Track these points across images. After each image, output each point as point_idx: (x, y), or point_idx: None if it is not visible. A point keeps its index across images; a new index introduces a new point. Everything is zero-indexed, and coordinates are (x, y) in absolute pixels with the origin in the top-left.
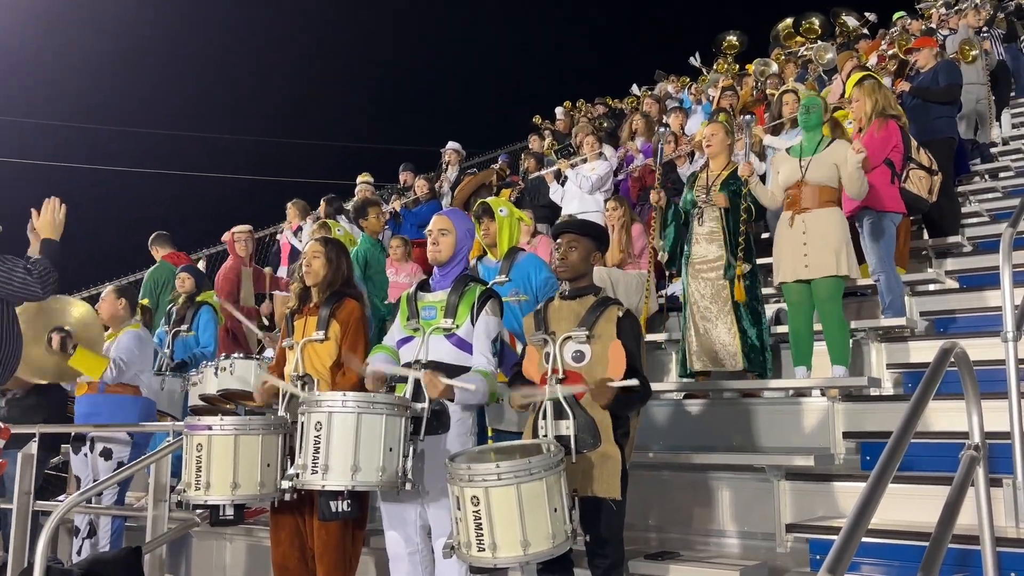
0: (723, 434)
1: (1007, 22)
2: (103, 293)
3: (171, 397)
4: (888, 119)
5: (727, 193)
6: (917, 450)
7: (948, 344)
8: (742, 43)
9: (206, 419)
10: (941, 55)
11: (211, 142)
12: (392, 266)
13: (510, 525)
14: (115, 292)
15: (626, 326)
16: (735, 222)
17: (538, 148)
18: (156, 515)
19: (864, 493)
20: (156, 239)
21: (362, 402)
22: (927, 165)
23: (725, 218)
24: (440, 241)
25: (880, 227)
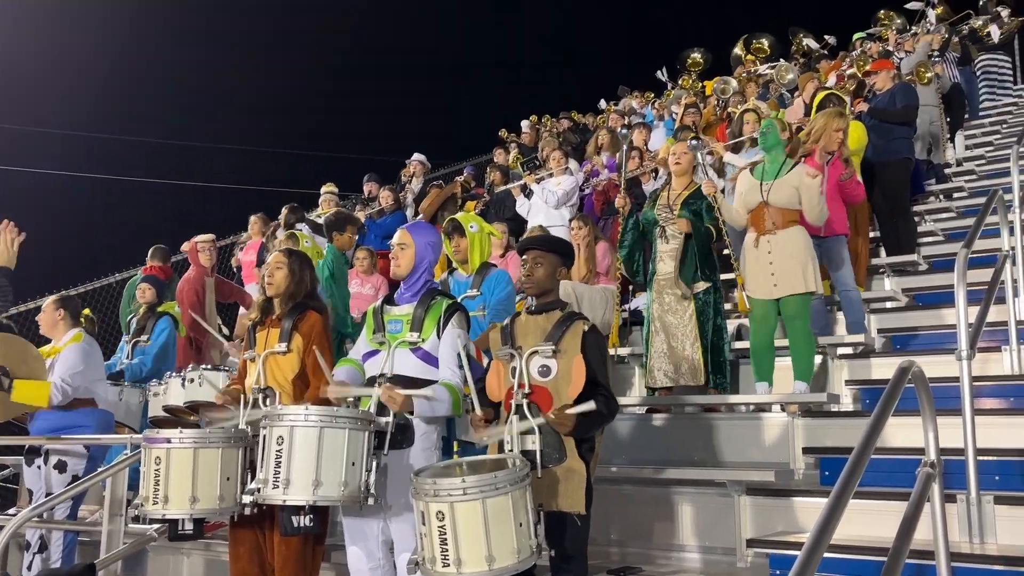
0: (685, 449)
1: (961, 46)
2: (44, 304)
3: (128, 408)
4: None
5: (688, 214)
6: (875, 466)
7: (906, 363)
8: (706, 60)
9: (165, 432)
10: (898, 77)
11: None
12: (357, 277)
13: (475, 540)
14: (54, 302)
15: (591, 341)
16: (695, 247)
17: (503, 161)
18: (111, 530)
19: (825, 510)
20: (152, 252)
21: (324, 416)
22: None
23: (684, 242)
24: (399, 256)
25: (836, 249)
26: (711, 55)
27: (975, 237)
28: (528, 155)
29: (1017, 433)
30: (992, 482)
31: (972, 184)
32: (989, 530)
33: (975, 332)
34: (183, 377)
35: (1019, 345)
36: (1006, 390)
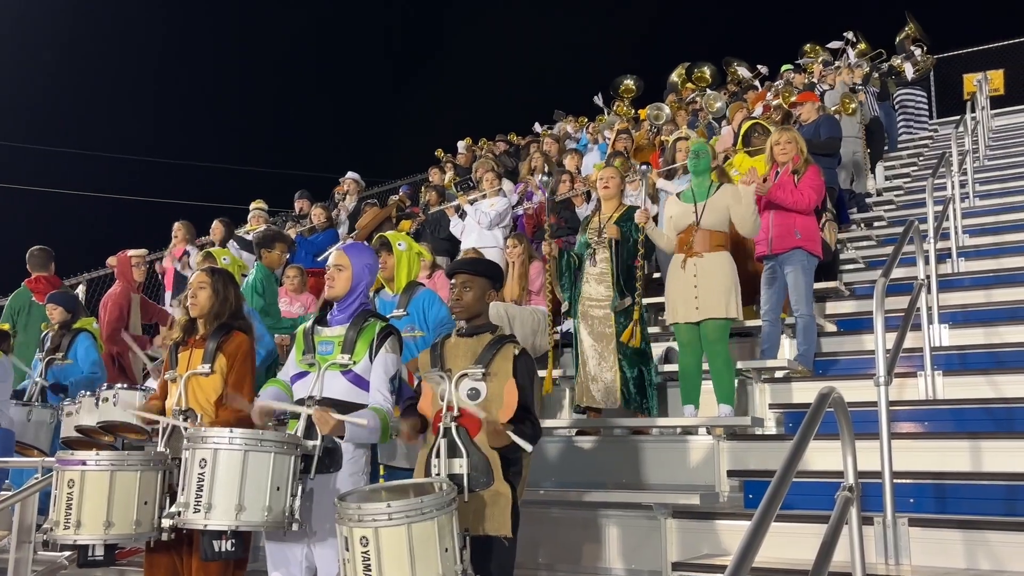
0: (613, 471)
1: (881, 82)
2: None
3: (39, 429)
4: (814, 165)
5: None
6: (797, 489)
7: (826, 389)
8: (638, 87)
9: (80, 454)
10: (823, 109)
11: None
12: (286, 296)
13: (399, 566)
14: None
15: (521, 365)
16: (625, 262)
17: (439, 181)
18: (19, 557)
19: (747, 533)
20: (31, 258)
21: (249, 439)
22: (834, 217)
23: (615, 259)
24: (336, 277)
25: (809, 270)
26: (643, 82)
27: (893, 265)
28: (464, 176)
29: (931, 456)
30: (907, 504)
31: (891, 214)
32: (904, 551)
33: (892, 358)
34: (97, 396)
35: (933, 371)
36: (921, 414)
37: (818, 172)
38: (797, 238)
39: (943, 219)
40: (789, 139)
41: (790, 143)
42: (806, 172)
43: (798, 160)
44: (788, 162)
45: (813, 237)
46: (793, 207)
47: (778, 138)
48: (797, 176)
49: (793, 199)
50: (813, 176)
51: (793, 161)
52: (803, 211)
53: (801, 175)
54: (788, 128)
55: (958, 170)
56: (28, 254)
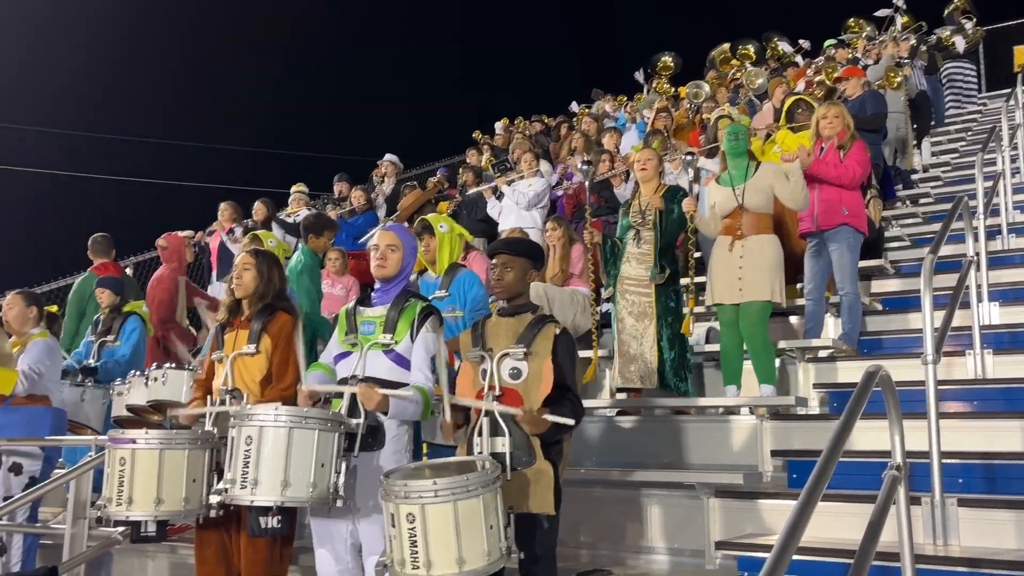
0: (654, 451)
1: (928, 55)
2: (7, 298)
3: (92, 408)
4: (860, 140)
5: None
6: (842, 468)
7: (873, 367)
8: (676, 64)
9: (130, 432)
10: (867, 85)
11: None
12: (328, 278)
13: (446, 542)
14: (24, 298)
15: (562, 344)
16: (666, 238)
17: (476, 163)
18: (75, 533)
19: (794, 512)
20: (93, 244)
21: (294, 417)
22: (878, 194)
23: (659, 239)
24: (388, 257)
25: (855, 247)
26: (681, 59)
27: (941, 243)
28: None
29: (980, 436)
30: (956, 484)
31: (938, 190)
32: (952, 532)
33: (940, 337)
34: (147, 376)
35: (982, 350)
36: (970, 394)
37: (864, 147)
38: (844, 214)
39: (993, 195)
40: (836, 113)
41: (837, 117)
42: (852, 147)
43: (844, 135)
44: (833, 136)
45: (859, 213)
46: (837, 181)
47: (825, 112)
48: (843, 151)
49: (837, 173)
50: (859, 151)
51: (839, 136)
52: (848, 186)
53: (847, 150)
54: (835, 102)
55: (1008, 145)
56: (91, 240)
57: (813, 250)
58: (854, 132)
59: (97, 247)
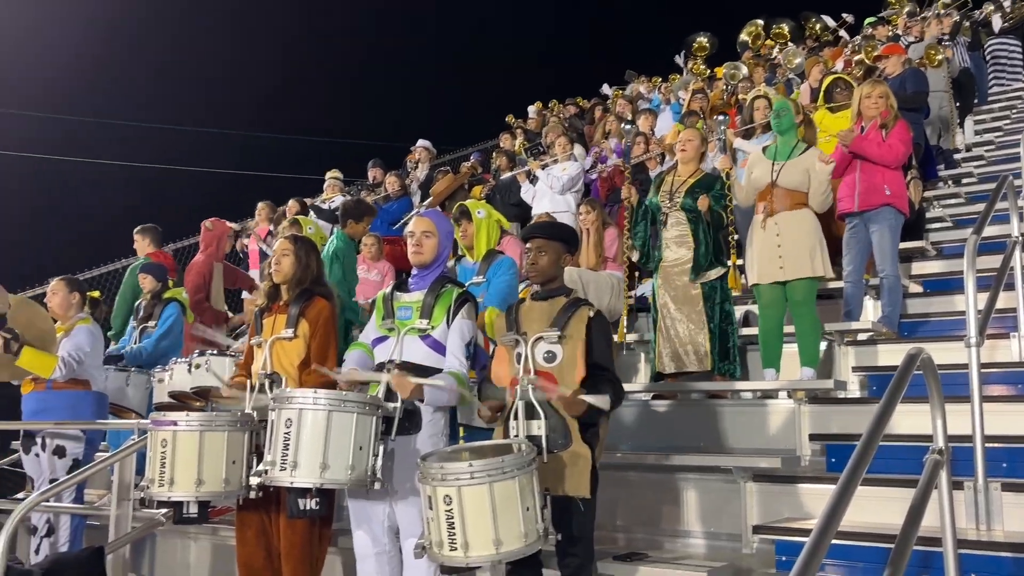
0: (690, 435)
1: (972, 31)
2: (52, 284)
3: (135, 393)
4: (903, 120)
5: (691, 202)
6: (882, 452)
7: (914, 350)
8: (712, 45)
9: (171, 415)
10: (908, 62)
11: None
12: (364, 263)
13: (483, 524)
14: (67, 284)
15: (596, 327)
16: (711, 233)
17: (510, 147)
18: (119, 514)
19: (833, 496)
20: (143, 231)
21: (333, 400)
22: (919, 175)
23: (693, 221)
24: (424, 243)
25: (896, 228)
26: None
27: (985, 223)
28: (534, 141)
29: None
30: (999, 469)
31: (981, 170)
32: (996, 517)
33: (984, 319)
34: (189, 363)
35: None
36: (1014, 377)
37: (907, 127)
38: (887, 194)
39: None
40: (881, 93)
41: (882, 97)
42: (895, 126)
43: (887, 115)
44: (876, 116)
45: (901, 194)
46: (880, 161)
47: (869, 91)
48: (885, 131)
49: (880, 152)
50: (903, 130)
51: (882, 115)
52: (892, 165)
53: (890, 129)
54: (879, 81)
55: None
56: (140, 229)
57: (853, 231)
58: (897, 112)
59: (154, 236)
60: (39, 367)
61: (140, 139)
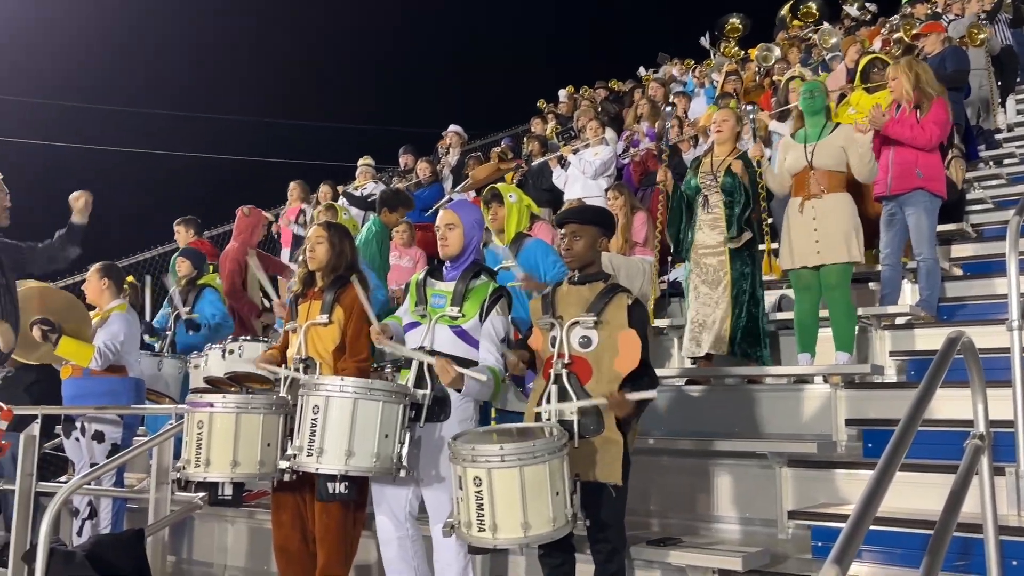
0: (724, 420)
1: (1013, 8)
2: (89, 272)
3: (170, 378)
4: (940, 98)
5: (731, 180)
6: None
7: (955, 333)
8: (745, 26)
9: (208, 396)
10: (948, 41)
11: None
12: (396, 249)
13: (512, 507)
14: (99, 271)
15: (636, 315)
16: (744, 205)
17: (541, 132)
18: (158, 498)
19: (871, 481)
20: (184, 222)
21: (360, 388)
22: (961, 154)
23: (729, 205)
24: (448, 236)
25: (933, 211)
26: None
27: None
28: (566, 125)
29: None
30: None
31: (1023, 150)
32: None
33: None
34: (223, 348)
35: None
36: None
37: (945, 106)
38: (919, 178)
39: None
40: (895, 75)
41: (895, 80)
42: (932, 107)
43: (917, 96)
44: (900, 98)
45: (937, 176)
46: (912, 143)
47: (893, 73)
48: (920, 111)
49: (912, 134)
50: (939, 111)
51: (914, 96)
52: (925, 147)
53: (925, 110)
54: (900, 63)
55: None
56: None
57: (888, 214)
58: (934, 92)
59: (187, 226)
60: (77, 356)
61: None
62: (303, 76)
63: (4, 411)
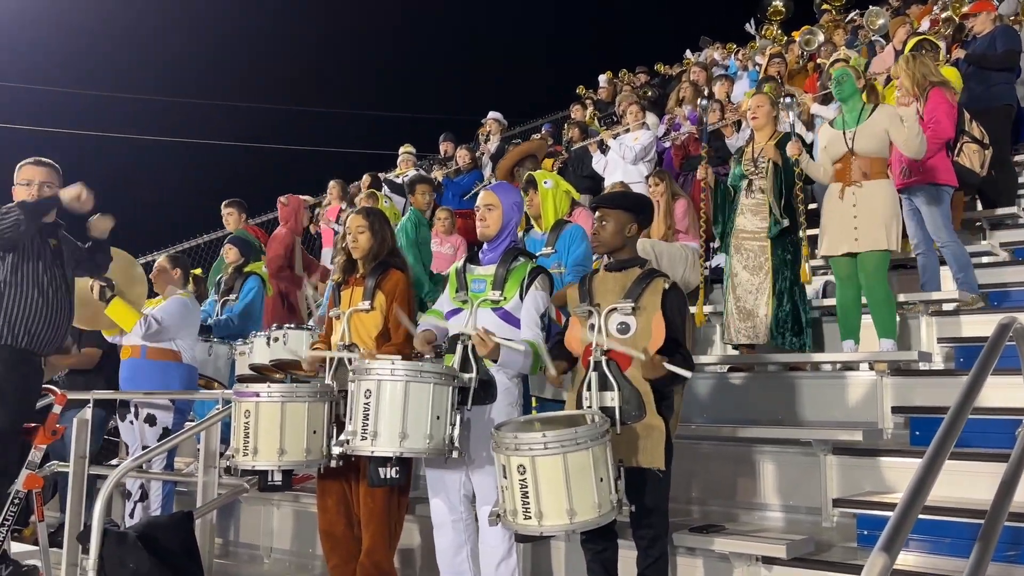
0: (767, 408)
1: None
2: (157, 261)
3: (218, 364)
4: (939, 86)
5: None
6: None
7: (1007, 319)
8: (788, 8)
9: (254, 386)
10: (999, 19)
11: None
12: (437, 236)
13: (556, 494)
14: (169, 261)
15: (671, 299)
16: (783, 188)
17: (581, 118)
18: (206, 481)
19: (920, 469)
20: (231, 204)
21: (410, 371)
22: (979, 138)
23: (774, 189)
24: (487, 217)
25: (938, 200)
26: (792, 3)
27: None
28: (605, 111)
29: None
30: None
31: None
32: None
33: None
34: (268, 336)
35: None
36: None
37: (941, 95)
38: (920, 172)
39: None
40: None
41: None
42: (928, 101)
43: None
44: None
45: (937, 167)
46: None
47: (895, 72)
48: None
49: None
50: (934, 103)
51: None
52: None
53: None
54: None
55: None
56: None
57: (907, 205)
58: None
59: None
60: (123, 319)
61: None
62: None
63: (58, 395)
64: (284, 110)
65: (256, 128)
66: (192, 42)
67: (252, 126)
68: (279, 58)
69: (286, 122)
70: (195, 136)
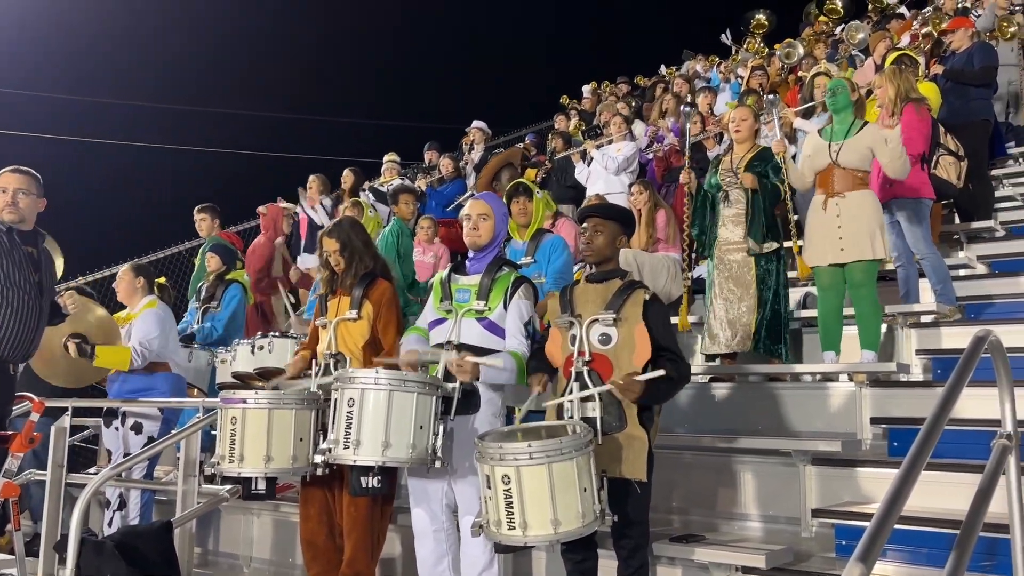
0: (748, 418)
1: None
2: (120, 272)
3: (198, 370)
4: (913, 103)
5: (753, 175)
6: (946, 437)
7: (982, 332)
8: (771, 22)
9: (241, 393)
10: (976, 36)
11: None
12: (419, 245)
13: (541, 504)
14: (132, 270)
15: (653, 310)
16: (765, 208)
17: (565, 128)
18: (186, 490)
19: (896, 480)
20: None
21: (394, 380)
22: (955, 150)
23: (751, 201)
24: (480, 226)
25: (918, 213)
26: (776, 16)
27: None
28: (590, 121)
29: None
30: None
31: None
32: None
33: None
34: (252, 344)
35: None
36: None
37: (913, 111)
38: (889, 188)
39: None
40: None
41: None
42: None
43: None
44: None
45: (913, 183)
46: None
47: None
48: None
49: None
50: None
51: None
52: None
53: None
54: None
55: None
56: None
57: (887, 217)
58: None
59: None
60: (116, 362)
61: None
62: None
63: (36, 403)
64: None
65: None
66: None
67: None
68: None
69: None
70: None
